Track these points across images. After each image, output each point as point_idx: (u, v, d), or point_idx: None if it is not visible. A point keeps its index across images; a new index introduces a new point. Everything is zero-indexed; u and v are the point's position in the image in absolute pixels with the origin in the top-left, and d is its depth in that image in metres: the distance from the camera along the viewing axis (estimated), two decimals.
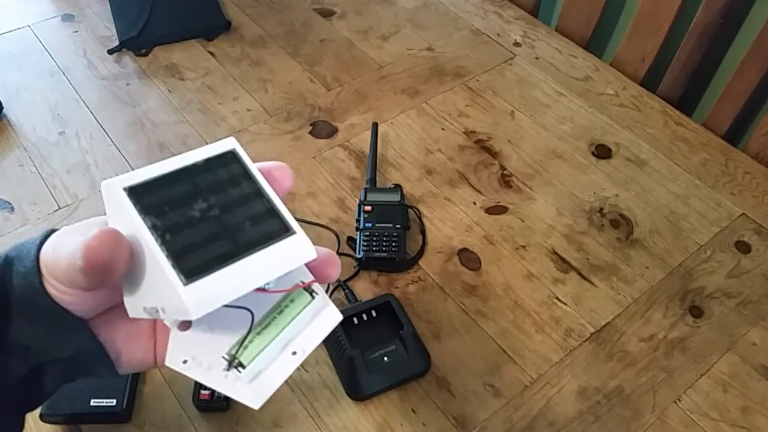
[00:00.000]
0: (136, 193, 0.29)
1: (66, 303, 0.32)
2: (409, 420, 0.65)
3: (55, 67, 1.00)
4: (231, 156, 0.33)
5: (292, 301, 0.33)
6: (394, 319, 0.69)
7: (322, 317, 0.34)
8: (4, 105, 0.92)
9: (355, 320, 0.69)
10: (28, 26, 1.06)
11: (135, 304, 0.32)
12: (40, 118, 0.92)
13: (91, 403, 0.62)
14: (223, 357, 0.31)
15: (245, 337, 0.32)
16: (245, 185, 0.32)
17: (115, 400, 0.62)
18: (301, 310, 0.33)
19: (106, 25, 1.07)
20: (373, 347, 0.67)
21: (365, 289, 0.75)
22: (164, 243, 0.29)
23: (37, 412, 0.62)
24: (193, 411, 0.64)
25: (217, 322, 0.33)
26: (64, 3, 1.11)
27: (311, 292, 0.34)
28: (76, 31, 1.06)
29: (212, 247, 0.29)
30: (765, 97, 0.92)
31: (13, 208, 0.81)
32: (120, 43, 1.02)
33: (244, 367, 0.31)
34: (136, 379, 0.65)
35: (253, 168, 0.33)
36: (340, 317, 0.34)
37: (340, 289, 0.74)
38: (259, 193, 0.32)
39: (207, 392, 0.63)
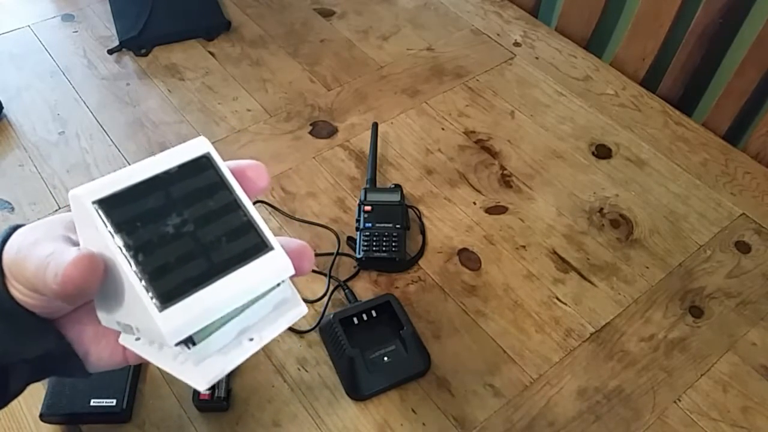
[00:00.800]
0: (105, 206, 0.28)
1: (30, 306, 0.31)
2: (409, 420, 0.65)
3: (55, 67, 1.00)
4: (205, 161, 0.31)
5: None
6: (394, 319, 0.69)
7: (286, 308, 0.33)
8: (4, 105, 0.92)
9: (355, 320, 0.69)
10: (28, 26, 1.06)
11: (108, 318, 0.31)
12: (40, 118, 0.92)
13: (91, 403, 0.62)
14: None
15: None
16: (221, 195, 0.31)
17: (115, 400, 0.62)
18: (262, 295, 0.32)
19: (106, 25, 1.07)
20: (373, 347, 0.67)
21: (365, 289, 0.75)
22: (138, 264, 0.28)
23: (37, 412, 0.62)
24: (193, 411, 0.64)
25: None
26: (64, 3, 1.11)
27: None
28: (76, 31, 1.06)
29: (187, 267, 0.28)
30: (765, 97, 0.92)
31: (13, 208, 0.81)
32: (120, 43, 1.02)
33: (194, 343, 0.30)
34: (136, 378, 0.65)
35: (228, 174, 0.31)
36: (305, 310, 0.33)
37: (340, 289, 0.74)
38: (236, 203, 0.31)
39: (207, 392, 0.63)
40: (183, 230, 0.29)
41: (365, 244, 0.75)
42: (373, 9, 1.13)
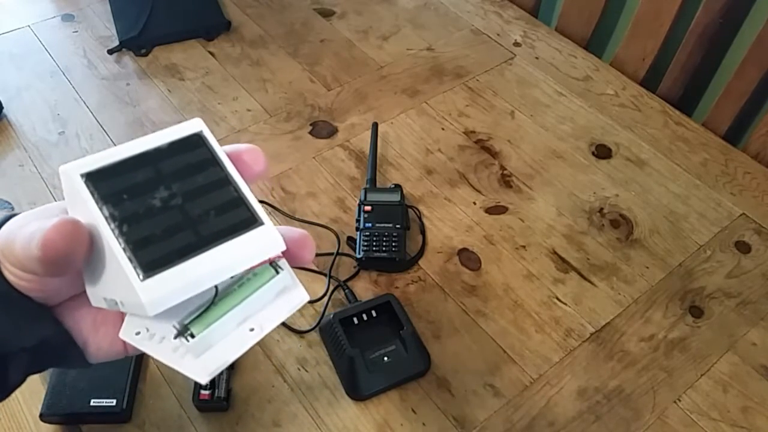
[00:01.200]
0: (93, 179, 0.28)
1: (25, 289, 0.30)
2: (409, 420, 0.65)
3: (55, 67, 1.00)
4: (197, 139, 0.31)
5: (254, 274, 0.31)
6: (394, 319, 0.69)
7: (287, 296, 0.32)
8: (4, 105, 0.92)
9: (355, 320, 0.69)
10: (28, 26, 1.06)
11: (96, 294, 0.31)
12: (40, 118, 0.92)
13: (91, 403, 0.62)
14: (174, 326, 0.30)
15: (201, 308, 0.30)
16: (211, 171, 0.30)
17: (115, 400, 0.62)
18: (262, 285, 0.31)
19: (106, 25, 1.07)
20: (373, 347, 0.67)
21: (365, 289, 0.75)
22: (122, 234, 0.27)
23: (37, 412, 0.62)
24: (193, 411, 0.64)
25: None
26: (64, 3, 1.11)
27: (276, 267, 0.32)
28: (76, 31, 1.06)
29: (173, 239, 0.28)
30: (765, 97, 0.92)
31: (13, 208, 0.81)
32: (120, 43, 1.02)
33: (193, 336, 0.29)
34: (136, 378, 0.65)
35: (221, 152, 0.31)
36: (306, 297, 0.32)
37: (340, 289, 0.74)
38: (226, 180, 0.30)
39: (207, 392, 0.63)
40: (170, 203, 0.28)
41: (365, 244, 0.75)
42: (373, 9, 1.13)
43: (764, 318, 0.74)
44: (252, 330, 0.30)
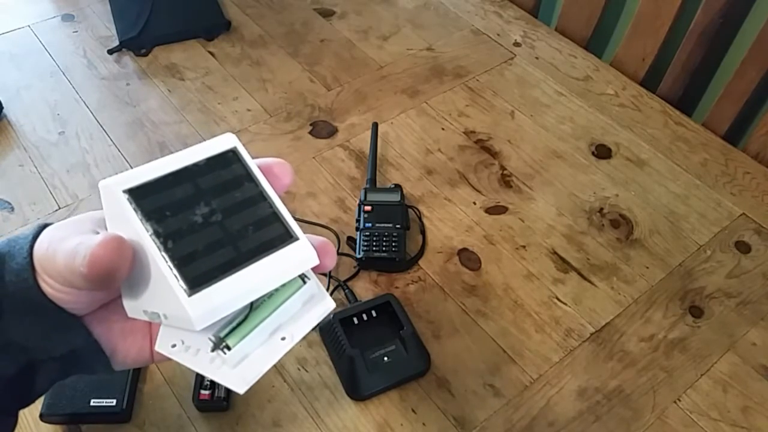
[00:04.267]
0: (136, 195, 0.29)
1: (60, 301, 0.31)
2: (409, 420, 0.65)
3: (55, 67, 1.00)
4: (232, 155, 0.32)
5: (283, 285, 0.33)
6: (394, 319, 0.69)
7: (314, 304, 0.33)
8: (4, 105, 0.92)
9: (355, 320, 0.69)
10: (28, 26, 1.06)
11: (135, 306, 0.32)
12: (40, 118, 0.92)
13: (91, 403, 0.62)
14: (210, 339, 0.31)
15: (235, 320, 0.31)
16: (247, 187, 0.31)
17: (115, 400, 0.62)
18: (290, 295, 0.32)
19: (106, 25, 1.07)
20: (373, 347, 0.67)
21: (365, 289, 0.75)
22: (167, 250, 0.28)
23: (37, 412, 0.62)
24: (193, 411, 0.64)
25: None
26: (64, 3, 1.11)
27: (303, 278, 0.33)
28: (76, 31, 1.06)
29: (215, 255, 0.29)
30: (765, 97, 0.92)
31: (13, 208, 0.81)
32: (120, 43, 1.02)
33: (230, 349, 0.30)
34: (136, 379, 0.65)
35: (254, 167, 0.32)
36: (332, 305, 0.34)
37: (340, 289, 0.74)
38: (261, 196, 0.32)
39: (207, 392, 0.63)
40: (211, 219, 0.30)
41: (365, 244, 0.75)
42: (373, 9, 1.13)
43: (764, 318, 0.74)
44: (283, 339, 0.32)
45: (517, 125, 0.94)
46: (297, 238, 0.31)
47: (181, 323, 0.28)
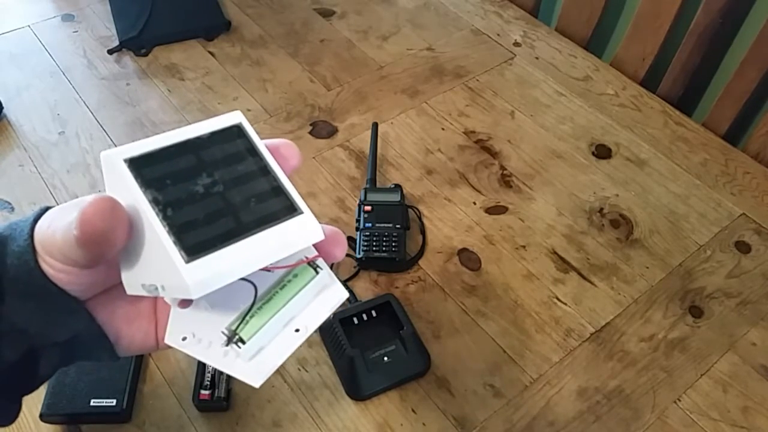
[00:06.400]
0: (136, 165, 0.28)
1: (62, 282, 0.30)
2: (409, 420, 0.65)
3: (55, 67, 1.00)
4: (237, 130, 0.31)
5: (295, 276, 0.32)
6: (394, 319, 0.69)
7: (327, 294, 0.33)
8: (4, 105, 0.92)
9: (355, 320, 0.69)
10: (28, 26, 1.06)
11: (133, 281, 0.31)
12: (40, 118, 0.92)
13: (91, 403, 0.62)
14: (223, 332, 0.30)
15: (247, 312, 0.31)
16: (251, 161, 0.31)
17: (115, 400, 0.62)
18: (304, 286, 0.32)
19: (106, 25, 1.07)
20: (373, 347, 0.67)
21: (365, 289, 0.75)
22: (166, 218, 0.27)
23: (37, 412, 0.62)
24: (193, 411, 0.64)
25: (218, 298, 0.31)
26: (64, 3, 1.11)
27: (315, 268, 0.33)
28: (76, 31, 1.06)
29: (215, 224, 0.28)
30: (765, 97, 0.92)
31: (13, 208, 0.81)
32: (120, 43, 1.02)
33: (244, 342, 0.30)
34: (136, 379, 0.65)
35: (260, 144, 0.32)
36: (345, 294, 0.33)
37: None
38: (266, 170, 0.31)
39: (207, 392, 0.63)
40: (213, 190, 0.29)
41: (365, 244, 0.75)
42: (373, 9, 1.13)
43: (764, 318, 0.74)
44: (297, 331, 0.31)
45: (517, 125, 0.94)
46: (301, 212, 0.31)
47: (178, 293, 0.28)
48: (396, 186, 0.82)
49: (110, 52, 1.01)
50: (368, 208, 0.78)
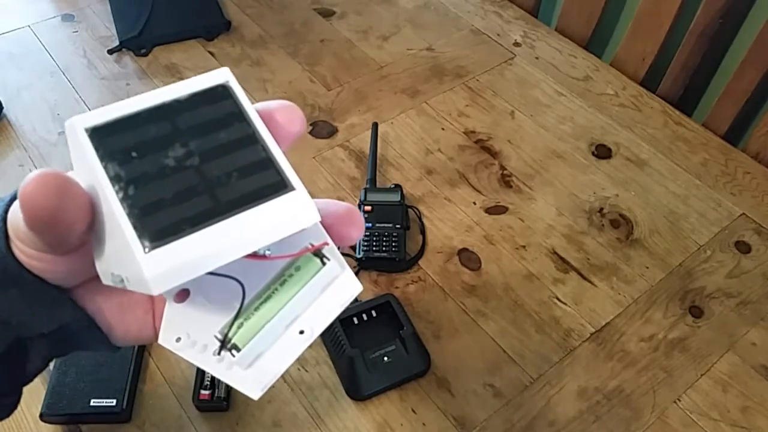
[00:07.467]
0: (100, 134, 0.24)
1: (37, 269, 0.28)
2: (409, 420, 0.65)
3: (55, 67, 1.00)
4: (222, 90, 0.26)
5: (297, 269, 0.27)
6: (394, 319, 0.69)
7: (336, 288, 0.28)
8: (4, 105, 0.92)
9: (355, 320, 0.69)
10: (28, 26, 1.06)
11: (104, 270, 0.27)
12: (40, 118, 0.92)
13: (91, 403, 0.62)
14: (215, 336, 0.26)
15: (237, 315, 0.26)
16: (236, 128, 0.26)
17: (115, 400, 0.62)
18: (308, 281, 0.27)
19: (106, 25, 1.07)
20: (373, 347, 0.67)
21: (365, 289, 0.75)
22: (126, 198, 0.23)
23: (37, 412, 0.62)
24: (193, 411, 0.64)
25: (216, 292, 0.28)
26: (64, 3, 1.11)
27: (322, 258, 0.28)
28: (76, 31, 1.06)
29: (186, 205, 0.24)
30: (765, 97, 0.92)
31: None
32: (120, 43, 1.02)
33: (238, 349, 0.26)
34: (136, 379, 0.65)
35: (249, 107, 0.27)
36: (359, 287, 0.28)
37: None
38: (253, 138, 0.26)
39: (207, 392, 0.63)
40: (186, 163, 0.24)
41: (365, 244, 0.75)
42: (373, 9, 1.13)
43: (764, 318, 0.74)
44: (302, 332, 0.27)
45: (517, 125, 0.94)
46: (293, 188, 0.25)
47: (139, 286, 0.23)
48: (396, 186, 0.82)
49: (110, 52, 1.01)
50: (368, 208, 0.78)
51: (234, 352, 0.26)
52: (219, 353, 0.26)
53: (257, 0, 1.14)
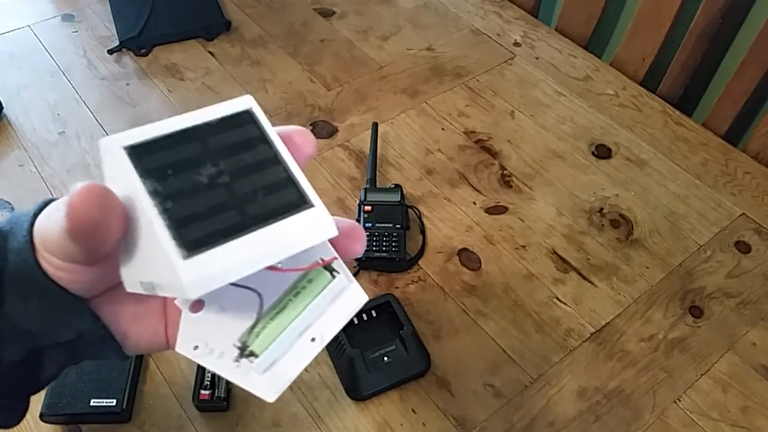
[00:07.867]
0: (137, 153, 0.26)
1: (63, 280, 0.29)
2: (409, 420, 0.65)
3: (55, 67, 1.00)
4: (247, 116, 0.29)
5: (309, 281, 0.30)
6: (394, 319, 0.69)
7: (344, 299, 0.30)
8: (4, 105, 0.92)
9: (355, 320, 0.69)
10: (28, 26, 1.06)
11: (131, 278, 0.29)
12: (40, 118, 0.92)
13: (91, 403, 0.62)
14: (235, 345, 0.28)
15: (256, 323, 0.29)
16: (261, 149, 0.28)
17: (115, 400, 0.62)
18: (319, 292, 0.30)
19: (106, 25, 1.07)
20: (373, 347, 0.67)
21: (365, 289, 0.74)
22: (165, 211, 0.25)
23: (37, 412, 0.62)
24: (193, 411, 0.64)
25: (231, 302, 0.30)
26: (64, 3, 1.11)
27: (331, 271, 0.30)
28: (76, 31, 1.06)
29: (218, 218, 0.26)
30: (765, 97, 0.92)
31: (13, 208, 0.81)
32: (120, 43, 1.02)
33: (256, 356, 0.28)
34: (136, 379, 0.65)
35: (271, 131, 0.29)
36: (365, 298, 0.31)
37: None
38: (276, 159, 0.29)
39: (207, 392, 0.63)
40: (217, 181, 0.27)
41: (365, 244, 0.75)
42: (373, 9, 1.13)
43: (764, 318, 0.74)
44: (313, 340, 0.29)
45: (517, 125, 0.94)
46: (312, 205, 0.29)
47: (174, 292, 0.26)
48: (396, 186, 0.82)
49: (110, 52, 1.01)
50: (368, 208, 0.78)
51: (252, 358, 0.28)
52: (238, 360, 0.28)
53: (257, 0, 1.14)
